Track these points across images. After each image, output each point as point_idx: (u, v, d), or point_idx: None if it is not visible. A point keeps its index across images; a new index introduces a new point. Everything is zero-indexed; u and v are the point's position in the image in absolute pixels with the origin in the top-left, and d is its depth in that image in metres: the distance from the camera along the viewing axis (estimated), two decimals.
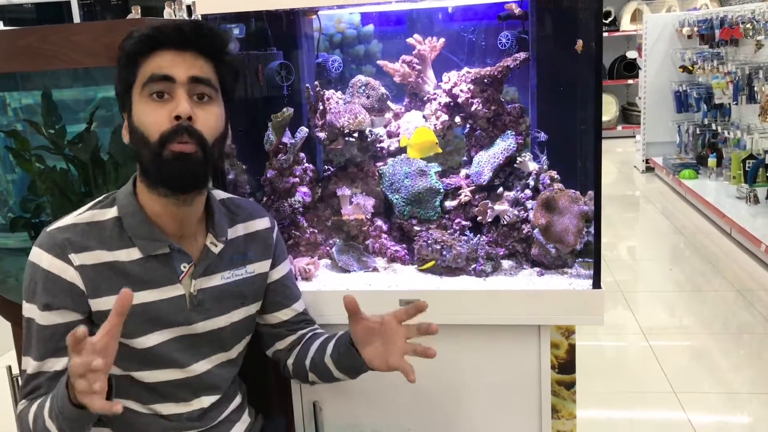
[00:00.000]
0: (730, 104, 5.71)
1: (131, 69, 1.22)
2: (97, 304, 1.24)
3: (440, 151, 1.75)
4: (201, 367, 1.34)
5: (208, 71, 1.23)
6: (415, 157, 1.74)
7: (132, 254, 1.26)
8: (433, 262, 1.65)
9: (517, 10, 1.72)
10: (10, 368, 1.89)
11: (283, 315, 1.48)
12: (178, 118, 1.18)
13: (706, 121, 6.20)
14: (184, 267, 1.30)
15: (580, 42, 1.56)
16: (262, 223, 1.45)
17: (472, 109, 1.74)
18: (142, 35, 1.20)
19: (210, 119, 1.23)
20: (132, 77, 1.22)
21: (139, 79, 1.21)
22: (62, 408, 1.11)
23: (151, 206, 1.27)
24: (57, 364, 1.24)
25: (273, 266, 1.46)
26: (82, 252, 1.23)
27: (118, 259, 1.25)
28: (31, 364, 1.24)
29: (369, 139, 1.79)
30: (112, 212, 1.28)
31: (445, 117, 1.78)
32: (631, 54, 8.22)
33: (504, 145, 1.72)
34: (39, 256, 1.24)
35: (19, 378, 1.88)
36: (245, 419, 1.45)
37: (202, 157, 1.21)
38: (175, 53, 1.20)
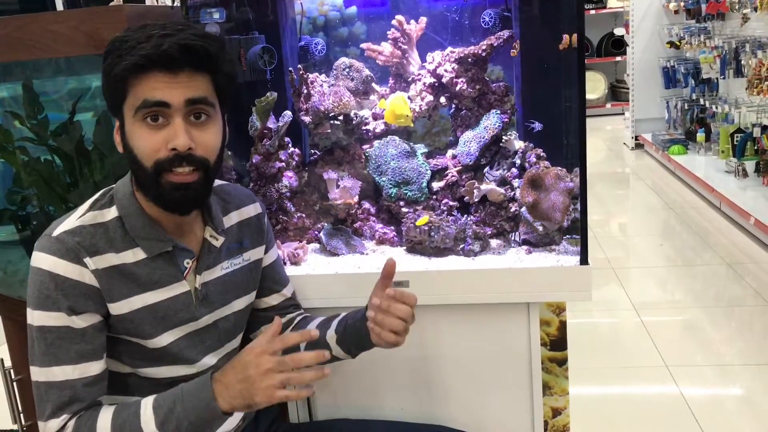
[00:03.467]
0: (717, 79, 5.72)
1: (120, 88, 1.15)
2: (113, 307, 1.22)
3: (411, 125, 1.73)
4: (209, 360, 1.34)
5: (204, 88, 1.18)
6: (389, 121, 1.73)
7: (137, 254, 1.24)
8: (426, 218, 1.64)
9: None
10: (2, 361, 1.89)
11: (273, 300, 1.48)
12: (174, 149, 1.15)
13: (694, 97, 6.20)
14: (187, 263, 1.29)
15: (566, 38, 1.55)
16: (253, 209, 1.44)
17: (457, 88, 1.73)
18: (130, 63, 1.12)
19: (210, 140, 1.19)
20: (122, 95, 1.16)
21: (130, 100, 1.16)
22: (200, 413, 1.15)
23: (150, 208, 1.25)
24: (91, 368, 1.20)
25: (266, 251, 1.46)
26: (94, 256, 1.20)
27: (125, 261, 1.23)
28: (57, 373, 1.18)
29: (354, 122, 1.78)
30: (112, 212, 1.24)
31: (430, 98, 1.77)
32: (619, 31, 8.22)
33: (489, 124, 1.72)
34: (53, 263, 1.18)
35: (11, 371, 1.89)
36: None
37: (203, 180, 1.19)
38: (166, 75, 1.14)
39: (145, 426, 1.16)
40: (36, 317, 1.19)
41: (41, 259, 1.19)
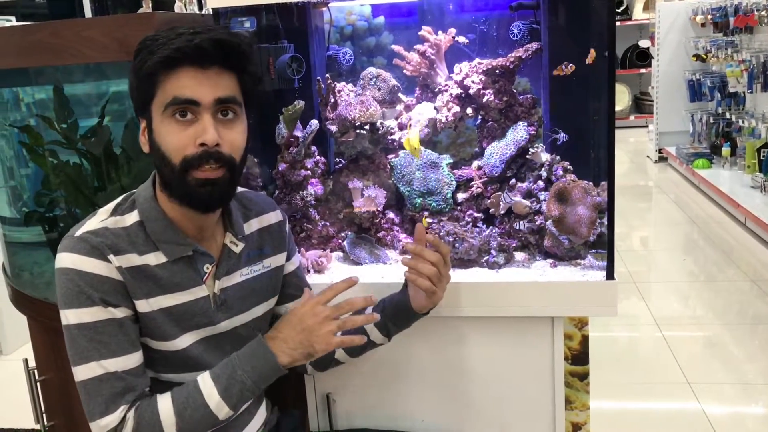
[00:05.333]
0: (744, 93, 5.66)
1: (150, 84, 1.17)
2: (137, 305, 1.23)
3: (418, 156, 1.73)
4: None
5: (231, 87, 1.19)
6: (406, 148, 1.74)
7: (158, 258, 1.24)
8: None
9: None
10: (26, 361, 1.91)
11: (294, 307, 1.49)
12: (203, 144, 1.16)
13: (719, 110, 6.14)
14: (207, 268, 1.29)
15: (592, 52, 1.55)
16: (275, 217, 1.45)
17: (484, 100, 1.73)
18: (162, 56, 1.14)
19: (236, 138, 1.21)
20: (151, 92, 1.17)
21: (159, 97, 1.17)
22: (262, 371, 1.21)
23: (172, 211, 1.26)
24: (134, 358, 1.21)
25: (287, 259, 1.46)
26: (118, 254, 1.21)
27: (147, 263, 1.23)
28: (105, 365, 1.18)
29: (380, 132, 1.79)
30: (133, 216, 1.25)
31: (456, 108, 1.77)
32: (644, 43, 8.17)
33: (516, 136, 1.71)
34: (79, 261, 1.18)
35: (35, 372, 1.91)
36: (262, 412, 1.45)
37: (229, 178, 1.21)
38: (197, 71, 1.15)
39: (209, 398, 1.19)
40: (71, 316, 1.18)
41: (66, 259, 1.19)
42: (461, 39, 1.79)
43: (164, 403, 1.19)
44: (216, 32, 1.16)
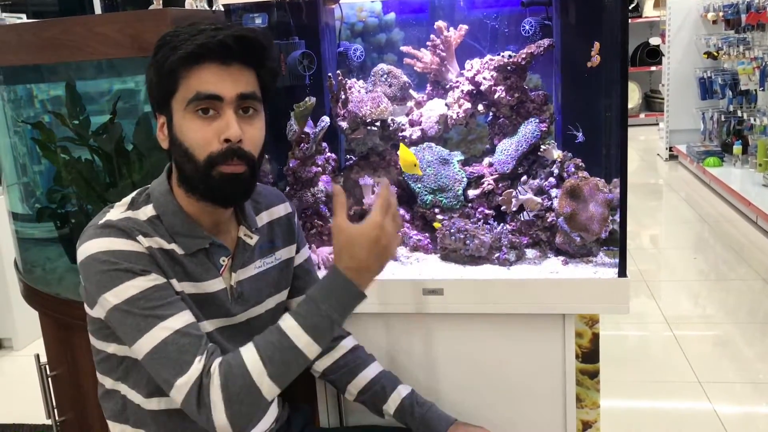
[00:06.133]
0: (756, 90, 5.62)
1: (172, 80, 1.17)
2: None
3: (420, 173, 1.72)
4: None
5: (252, 83, 1.21)
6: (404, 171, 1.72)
7: (178, 249, 1.24)
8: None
9: None
10: (38, 356, 1.92)
11: None
12: (227, 140, 1.16)
13: (731, 108, 6.10)
14: (223, 261, 1.30)
15: (597, 45, 1.55)
16: (283, 209, 1.46)
17: (496, 96, 1.73)
18: (186, 52, 1.14)
19: (256, 134, 1.22)
20: (173, 88, 1.18)
21: (181, 92, 1.17)
22: (347, 302, 1.19)
23: (189, 205, 1.26)
24: (187, 315, 1.18)
25: (297, 251, 1.47)
26: (146, 237, 1.20)
27: (174, 248, 1.23)
28: (172, 323, 1.14)
29: (391, 128, 1.78)
30: (149, 210, 1.25)
31: (467, 105, 1.77)
32: (654, 40, 8.13)
33: (527, 132, 1.71)
34: (108, 242, 1.16)
35: (46, 367, 1.92)
36: (273, 409, 1.45)
37: (250, 174, 1.21)
38: (219, 67, 1.16)
39: (297, 339, 1.15)
40: (113, 297, 1.15)
41: (93, 245, 1.17)
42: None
43: (249, 352, 1.15)
44: (237, 29, 1.17)
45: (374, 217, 1.21)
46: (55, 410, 1.94)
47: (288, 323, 1.17)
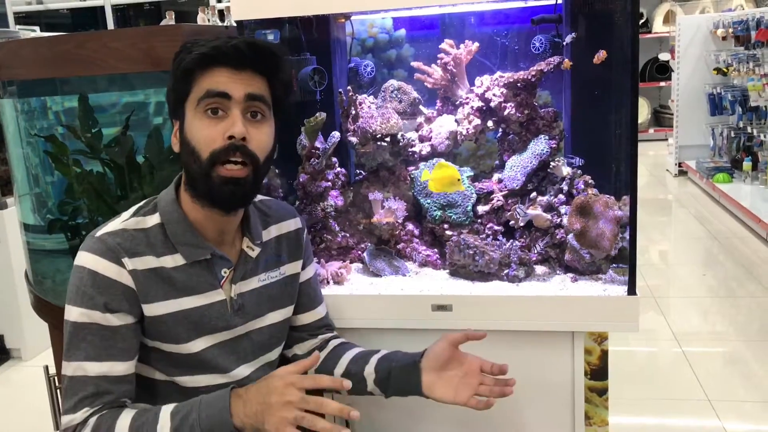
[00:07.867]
0: (766, 107, 5.61)
1: (186, 82, 1.22)
2: (148, 309, 1.24)
3: (462, 188, 1.73)
4: (243, 371, 1.35)
5: (263, 88, 1.24)
6: (437, 191, 1.72)
7: (176, 260, 1.27)
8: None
9: None
10: (47, 368, 1.93)
11: (306, 318, 1.49)
12: (231, 137, 1.19)
13: (741, 124, 6.09)
14: (225, 272, 1.31)
15: (603, 53, 1.55)
16: (293, 224, 1.46)
17: (505, 113, 1.73)
18: (201, 54, 1.20)
19: (263, 139, 1.24)
20: (187, 90, 1.23)
21: (194, 93, 1.22)
22: (213, 423, 1.15)
23: (194, 213, 1.28)
24: (117, 367, 1.22)
25: (303, 267, 1.47)
26: (133, 257, 1.23)
27: (164, 265, 1.26)
28: (85, 367, 1.20)
29: (401, 144, 1.79)
30: (155, 218, 1.28)
31: (477, 121, 1.77)
32: (664, 56, 8.14)
33: (537, 149, 1.71)
34: (93, 261, 1.22)
35: (55, 379, 1.92)
36: None
37: (252, 178, 1.23)
38: (232, 71, 1.21)
39: (161, 430, 1.16)
40: (72, 313, 1.22)
41: (83, 257, 1.23)
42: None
43: (123, 421, 1.18)
44: (252, 38, 1.24)
45: (286, 371, 1.18)
46: None
47: (165, 413, 1.19)
